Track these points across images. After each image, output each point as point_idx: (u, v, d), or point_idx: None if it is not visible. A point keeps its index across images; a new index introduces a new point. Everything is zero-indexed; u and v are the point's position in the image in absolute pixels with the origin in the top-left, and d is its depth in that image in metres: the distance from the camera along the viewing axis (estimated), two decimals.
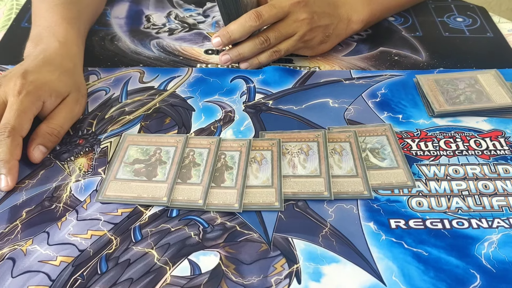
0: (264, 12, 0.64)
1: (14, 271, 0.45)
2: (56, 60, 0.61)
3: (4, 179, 0.52)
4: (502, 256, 0.47)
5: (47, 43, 0.63)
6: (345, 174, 0.54)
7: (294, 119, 0.62)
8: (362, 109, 0.63)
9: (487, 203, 0.52)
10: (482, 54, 0.74)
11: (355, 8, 0.73)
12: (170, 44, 0.76)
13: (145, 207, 0.51)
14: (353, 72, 0.70)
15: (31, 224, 0.49)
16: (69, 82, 0.61)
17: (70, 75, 0.62)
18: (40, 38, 0.64)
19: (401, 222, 0.50)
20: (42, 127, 0.57)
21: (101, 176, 0.54)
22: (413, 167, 0.55)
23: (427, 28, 0.80)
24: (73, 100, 0.60)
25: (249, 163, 0.55)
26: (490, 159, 0.57)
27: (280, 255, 0.47)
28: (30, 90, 0.56)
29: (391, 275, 0.45)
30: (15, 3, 0.84)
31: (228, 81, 0.68)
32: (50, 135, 0.56)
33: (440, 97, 0.64)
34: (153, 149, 0.57)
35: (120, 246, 0.47)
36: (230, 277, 0.45)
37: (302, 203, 0.52)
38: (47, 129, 0.56)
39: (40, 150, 0.55)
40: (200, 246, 0.47)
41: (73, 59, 0.64)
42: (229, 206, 0.51)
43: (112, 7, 0.83)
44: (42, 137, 0.56)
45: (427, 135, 0.60)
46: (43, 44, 0.63)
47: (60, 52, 0.63)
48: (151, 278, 0.45)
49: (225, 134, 0.59)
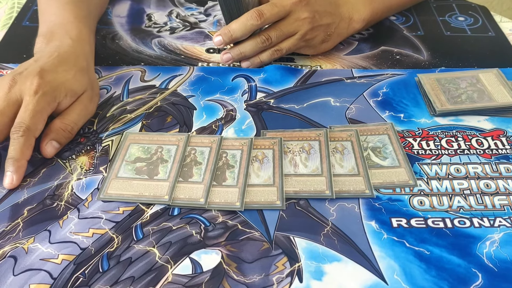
0: (266, 11, 0.64)
1: (16, 269, 0.45)
2: (71, 59, 0.61)
3: (10, 176, 0.52)
4: (504, 255, 0.47)
5: (60, 40, 0.63)
6: (347, 173, 0.54)
7: (296, 118, 0.62)
8: (364, 108, 0.63)
9: (489, 202, 0.52)
10: (484, 53, 0.74)
11: (356, 7, 0.73)
12: (172, 43, 0.76)
13: (147, 205, 0.51)
14: (354, 71, 0.70)
15: (32, 222, 0.49)
16: (84, 80, 0.61)
17: (85, 73, 0.62)
18: (53, 34, 0.64)
19: (403, 221, 0.50)
20: (56, 123, 0.57)
21: (103, 175, 0.54)
22: (414, 166, 0.55)
23: (428, 27, 0.80)
24: (87, 98, 0.61)
25: (251, 162, 0.55)
26: (491, 158, 0.57)
27: (282, 254, 0.47)
28: (47, 91, 0.56)
29: (392, 274, 0.45)
30: (16, 2, 0.84)
31: (230, 80, 0.68)
32: (63, 131, 0.57)
33: (441, 96, 0.64)
34: (155, 148, 0.57)
35: (121, 244, 0.47)
36: (232, 276, 0.45)
37: (303, 202, 0.51)
38: (61, 125, 0.57)
39: (53, 146, 0.55)
40: (201, 245, 0.47)
41: (86, 57, 0.65)
42: (230, 204, 0.51)
43: (114, 5, 0.83)
44: (56, 132, 0.56)
45: (428, 134, 0.60)
46: (56, 40, 0.63)
47: (73, 50, 0.63)
48: (153, 276, 0.45)
49: (226, 133, 0.59)
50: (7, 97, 0.54)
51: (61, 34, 0.64)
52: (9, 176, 0.52)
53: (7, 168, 0.52)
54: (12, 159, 0.52)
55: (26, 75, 0.56)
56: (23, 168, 0.53)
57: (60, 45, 0.62)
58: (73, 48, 0.63)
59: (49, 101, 0.56)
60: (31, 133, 0.53)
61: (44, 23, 0.67)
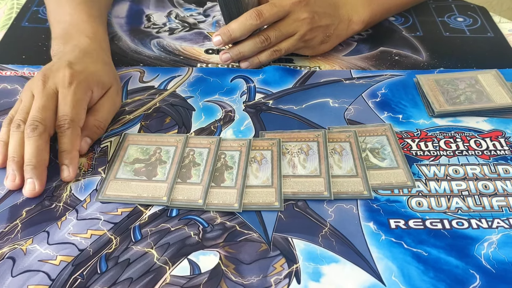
0: (265, 11, 0.64)
1: (14, 270, 0.45)
2: (93, 53, 0.62)
3: (67, 170, 0.53)
4: (502, 256, 0.47)
5: (78, 39, 0.63)
6: (345, 174, 0.54)
7: (294, 119, 0.62)
8: (362, 109, 0.63)
9: (487, 203, 0.52)
10: (483, 54, 0.74)
11: (355, 9, 0.73)
12: (171, 44, 0.76)
13: (145, 206, 0.51)
14: (353, 72, 0.70)
15: (31, 223, 0.49)
16: (110, 73, 0.62)
17: (109, 67, 0.63)
18: (69, 34, 0.65)
19: (401, 222, 0.50)
20: (90, 120, 0.57)
21: (101, 176, 0.54)
22: (413, 167, 0.55)
23: (427, 28, 0.80)
24: (115, 92, 0.61)
25: (249, 163, 0.55)
26: (490, 159, 0.57)
27: (280, 255, 0.47)
28: (81, 80, 0.56)
29: (390, 275, 0.45)
30: (16, 3, 0.84)
31: (228, 80, 0.68)
32: (97, 128, 0.57)
33: (440, 97, 0.64)
34: (153, 149, 0.57)
35: (119, 245, 0.47)
36: (230, 277, 0.45)
37: (302, 203, 0.52)
38: (94, 122, 0.57)
39: (87, 142, 0.56)
40: (199, 246, 0.48)
41: (106, 53, 0.65)
42: (229, 205, 0.51)
43: (113, 6, 0.83)
44: (90, 130, 0.57)
45: (427, 135, 0.60)
46: (74, 40, 0.63)
47: (93, 47, 0.63)
48: (151, 277, 0.45)
49: (225, 134, 0.60)
50: (45, 92, 0.55)
51: (77, 33, 0.65)
52: (65, 169, 0.53)
53: (62, 161, 0.53)
54: (65, 152, 0.53)
55: (56, 69, 0.57)
56: (76, 159, 0.53)
57: (78, 44, 0.63)
58: (92, 45, 0.63)
59: (85, 90, 0.56)
60: (75, 124, 0.54)
61: (58, 24, 0.67)
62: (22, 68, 0.69)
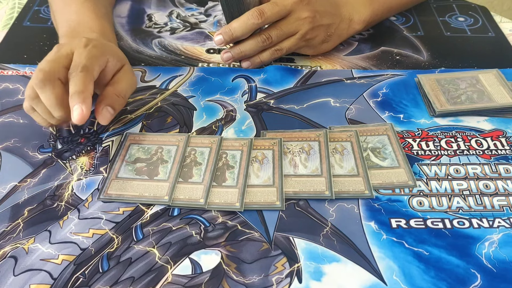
0: (267, 10, 0.64)
1: (16, 270, 0.45)
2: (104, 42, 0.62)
3: (79, 107, 0.50)
4: (503, 255, 0.47)
5: (86, 36, 0.63)
6: (346, 173, 0.54)
7: (296, 119, 0.62)
8: (363, 109, 0.63)
9: (488, 202, 0.52)
10: (484, 53, 0.74)
11: (357, 8, 0.73)
12: (172, 43, 0.76)
13: (147, 206, 0.51)
14: (354, 72, 0.70)
15: (33, 222, 0.49)
16: (123, 54, 0.62)
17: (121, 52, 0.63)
18: (76, 32, 0.65)
19: (402, 222, 0.50)
20: (109, 89, 0.57)
21: (103, 175, 0.54)
22: (414, 167, 0.55)
23: (428, 28, 0.80)
24: (130, 70, 0.61)
25: (251, 162, 0.55)
26: (491, 158, 0.57)
27: (281, 254, 0.47)
28: (96, 44, 0.57)
29: (391, 275, 0.45)
30: (17, 2, 0.84)
31: (230, 80, 0.68)
32: (117, 96, 0.57)
33: (441, 97, 0.64)
34: (155, 148, 0.57)
35: (121, 245, 0.47)
36: (231, 276, 0.45)
37: (303, 202, 0.52)
38: (114, 91, 0.57)
39: (109, 111, 0.55)
40: (201, 245, 0.48)
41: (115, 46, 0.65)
42: (230, 205, 0.51)
43: (114, 6, 0.83)
44: (110, 98, 0.56)
45: (428, 135, 0.60)
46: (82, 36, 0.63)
47: (102, 41, 0.63)
48: (152, 277, 0.45)
49: (226, 133, 0.60)
50: (58, 53, 0.55)
51: (84, 31, 0.65)
52: (77, 108, 0.50)
53: (73, 102, 0.50)
54: (76, 92, 0.50)
55: (72, 40, 0.57)
56: (89, 99, 0.51)
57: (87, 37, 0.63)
58: (101, 39, 0.64)
59: (101, 52, 0.56)
60: (89, 71, 0.53)
61: (65, 22, 0.67)
62: (23, 68, 0.69)
